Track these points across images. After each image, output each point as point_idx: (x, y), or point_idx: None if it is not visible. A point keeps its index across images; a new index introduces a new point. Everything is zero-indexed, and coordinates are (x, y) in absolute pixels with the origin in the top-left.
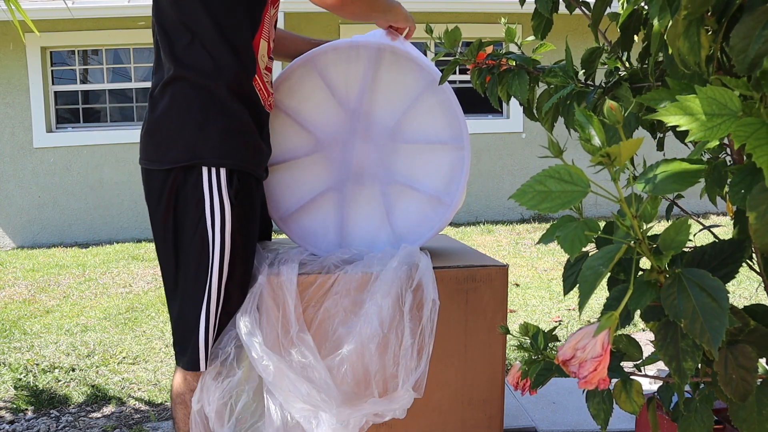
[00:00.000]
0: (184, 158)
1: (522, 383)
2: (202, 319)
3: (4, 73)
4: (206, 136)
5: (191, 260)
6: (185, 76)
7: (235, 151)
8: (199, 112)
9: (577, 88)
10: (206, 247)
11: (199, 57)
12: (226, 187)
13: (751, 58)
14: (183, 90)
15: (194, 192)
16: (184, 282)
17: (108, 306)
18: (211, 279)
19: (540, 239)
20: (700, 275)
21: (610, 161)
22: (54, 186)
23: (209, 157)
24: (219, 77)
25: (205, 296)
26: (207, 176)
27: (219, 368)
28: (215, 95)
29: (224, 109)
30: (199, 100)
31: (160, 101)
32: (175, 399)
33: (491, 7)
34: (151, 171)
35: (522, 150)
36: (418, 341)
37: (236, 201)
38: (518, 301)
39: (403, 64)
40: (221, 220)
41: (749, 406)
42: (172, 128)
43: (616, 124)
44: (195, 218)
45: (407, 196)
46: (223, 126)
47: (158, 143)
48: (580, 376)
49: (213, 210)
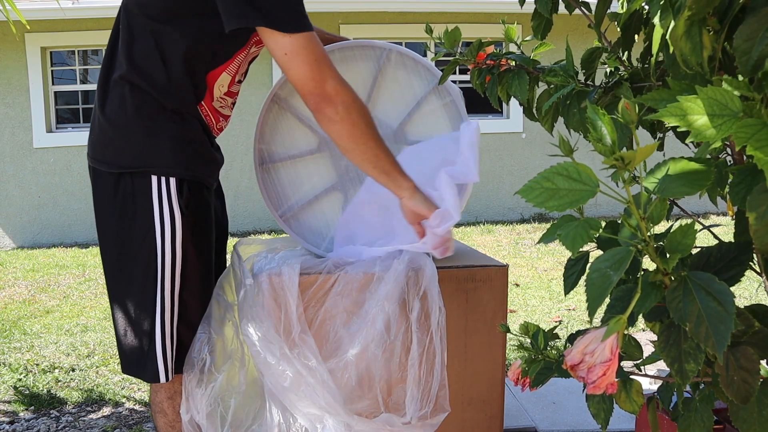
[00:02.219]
0: (134, 164)
1: (522, 380)
2: (157, 330)
3: (4, 73)
4: (156, 143)
5: (139, 270)
6: (137, 81)
7: (185, 160)
8: (149, 119)
9: (578, 87)
10: (154, 257)
11: (154, 67)
12: (176, 196)
13: (754, 60)
14: (134, 93)
15: (143, 201)
16: (131, 290)
17: (108, 306)
18: (163, 289)
19: (541, 239)
20: (706, 279)
21: (623, 165)
22: (54, 186)
23: (159, 165)
24: (167, 93)
25: (158, 307)
26: (156, 185)
27: (198, 375)
28: (165, 106)
29: (174, 118)
30: (150, 107)
31: (109, 97)
32: (155, 409)
33: (491, 7)
34: (99, 171)
35: (522, 150)
36: (430, 352)
37: (187, 210)
38: (518, 301)
39: (408, 65)
40: (171, 230)
41: (750, 407)
42: (122, 131)
43: (630, 123)
44: (144, 228)
45: None
46: (173, 134)
47: (106, 144)
48: (588, 381)
49: (163, 220)
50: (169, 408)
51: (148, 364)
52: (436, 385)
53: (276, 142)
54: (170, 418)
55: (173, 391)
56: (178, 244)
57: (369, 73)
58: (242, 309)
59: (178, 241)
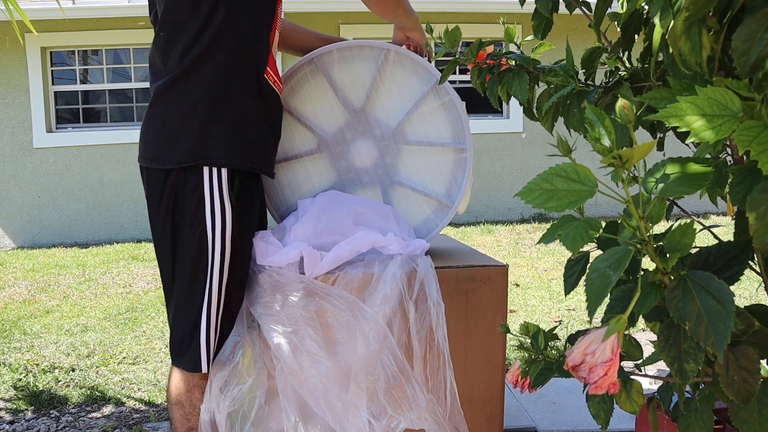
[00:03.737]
0: (186, 159)
1: (522, 381)
2: (203, 321)
3: (4, 73)
4: (210, 136)
5: (189, 262)
6: (192, 72)
7: (238, 152)
8: (205, 112)
9: (578, 87)
10: (205, 249)
11: (211, 50)
12: (227, 188)
13: (752, 61)
14: (190, 88)
15: (194, 193)
16: (181, 283)
17: (108, 306)
18: (211, 281)
19: (541, 239)
20: (706, 278)
21: (621, 164)
22: (54, 186)
23: (211, 157)
24: (229, 71)
25: (206, 299)
26: (208, 177)
27: (227, 376)
28: (223, 92)
29: (230, 108)
30: (206, 99)
31: (164, 98)
32: (172, 400)
33: (491, 7)
34: (151, 170)
35: (522, 150)
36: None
37: (237, 203)
38: (518, 301)
39: (407, 65)
40: (222, 223)
41: (750, 407)
42: (176, 128)
43: (628, 123)
44: (194, 220)
45: (408, 197)
46: (227, 126)
47: (161, 142)
48: (590, 381)
49: (213, 212)
50: (187, 401)
51: (190, 352)
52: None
53: None
54: (187, 410)
55: (193, 385)
56: (227, 238)
57: (368, 73)
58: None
59: (228, 234)
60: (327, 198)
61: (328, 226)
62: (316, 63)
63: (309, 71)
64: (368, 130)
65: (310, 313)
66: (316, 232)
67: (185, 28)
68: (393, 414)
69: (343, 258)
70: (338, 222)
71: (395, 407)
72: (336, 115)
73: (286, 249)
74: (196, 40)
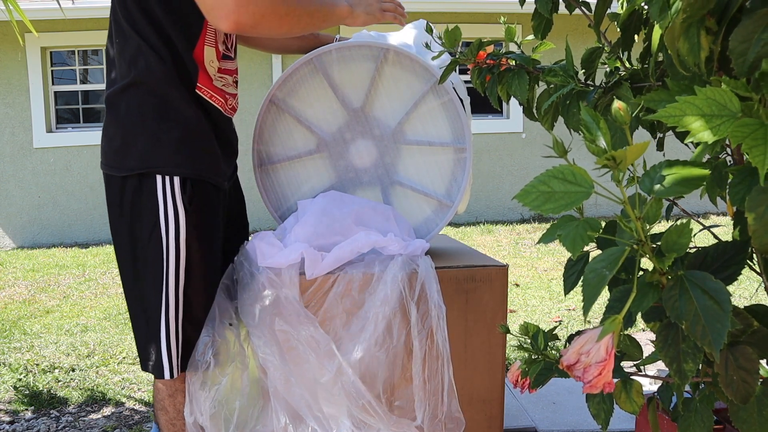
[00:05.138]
0: (139, 166)
1: (522, 381)
2: (162, 327)
3: (4, 73)
4: (160, 145)
5: (148, 268)
6: (140, 81)
7: (188, 160)
8: (154, 121)
9: (578, 87)
10: (160, 254)
11: (149, 62)
12: (180, 194)
13: (750, 61)
14: (138, 96)
15: (149, 200)
16: (141, 289)
17: (108, 306)
18: (167, 286)
19: (540, 239)
20: (702, 277)
21: (615, 164)
22: (54, 186)
23: (163, 165)
24: (168, 83)
25: (163, 303)
26: (161, 184)
27: (202, 378)
28: (169, 101)
29: (179, 116)
30: (154, 108)
31: (116, 105)
32: (157, 405)
33: (491, 7)
34: (110, 176)
35: (522, 150)
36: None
37: (191, 208)
38: (518, 301)
39: (406, 64)
40: (175, 227)
41: (749, 407)
42: (129, 136)
43: (624, 125)
44: (150, 226)
45: (408, 197)
46: (177, 134)
47: (116, 150)
48: (584, 380)
49: (167, 217)
50: (170, 405)
51: (155, 359)
52: (446, 388)
53: (274, 143)
54: (171, 415)
55: (174, 389)
56: (182, 241)
57: (367, 72)
58: (244, 308)
59: (182, 237)
60: (327, 198)
61: (329, 226)
62: (315, 63)
63: (308, 71)
64: (368, 130)
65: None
66: (317, 233)
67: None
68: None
69: (343, 258)
70: (339, 222)
71: None
72: (335, 115)
73: (287, 250)
74: (138, 53)
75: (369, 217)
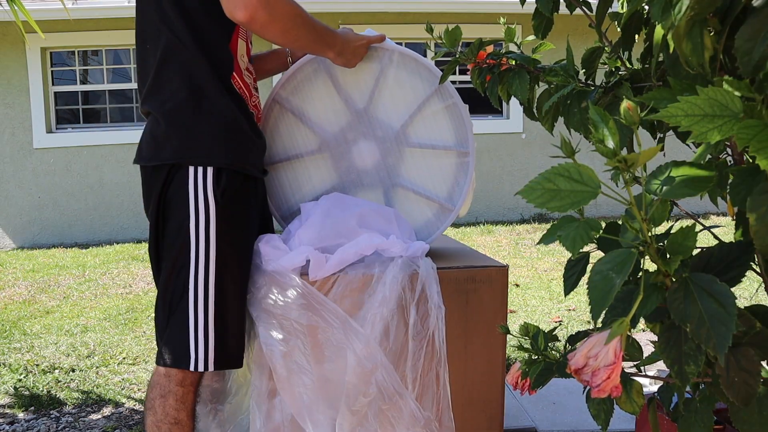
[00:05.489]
0: (173, 157)
1: (521, 383)
2: (190, 317)
3: (4, 73)
4: (195, 136)
5: (173, 260)
6: (175, 75)
7: (222, 150)
8: (187, 113)
9: (578, 87)
10: (188, 245)
11: (183, 57)
12: (212, 186)
13: (755, 60)
14: (176, 90)
15: (180, 191)
16: (171, 278)
17: (108, 306)
18: (197, 277)
19: (540, 239)
20: (707, 280)
21: (626, 167)
22: (54, 186)
23: (196, 156)
24: (201, 76)
25: (191, 294)
26: (193, 175)
27: None
28: (204, 93)
29: (212, 108)
30: (189, 100)
31: (155, 100)
32: (147, 405)
33: (491, 7)
34: (144, 168)
35: (522, 150)
36: (429, 354)
37: (222, 200)
38: (518, 301)
39: (411, 67)
40: (205, 220)
41: (750, 408)
42: (166, 128)
43: (633, 125)
44: (180, 218)
45: (410, 199)
46: (211, 125)
47: (149, 142)
48: (593, 384)
49: (198, 209)
50: (159, 407)
51: (179, 348)
52: (441, 388)
53: (276, 141)
54: (158, 417)
55: (168, 390)
56: (212, 235)
57: (371, 74)
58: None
59: (212, 231)
60: (330, 201)
61: (333, 229)
62: (319, 62)
63: (312, 71)
64: (370, 132)
65: (301, 326)
66: (321, 236)
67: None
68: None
69: (347, 261)
70: (343, 225)
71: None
72: (338, 115)
73: (292, 254)
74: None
75: (371, 220)
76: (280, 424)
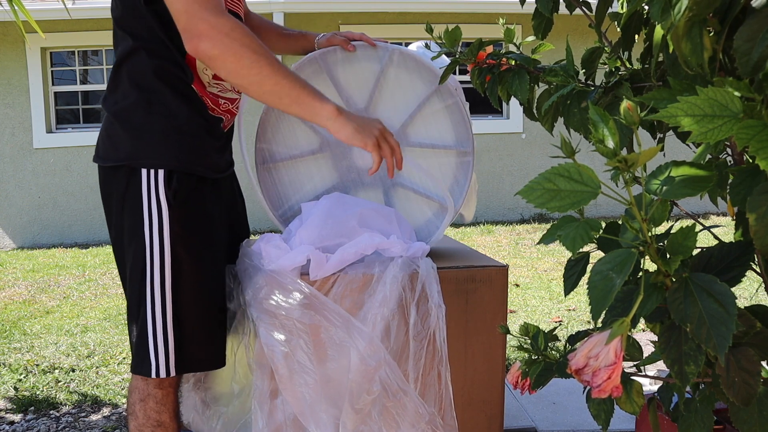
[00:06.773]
0: (126, 158)
1: (522, 383)
2: (148, 324)
3: (4, 73)
4: (146, 138)
5: (130, 263)
6: (129, 77)
7: (174, 152)
8: (139, 114)
9: (578, 87)
10: (143, 248)
11: (138, 59)
12: (164, 188)
13: (754, 61)
14: (128, 91)
15: (134, 193)
16: (131, 285)
17: (108, 306)
18: (152, 283)
19: (540, 239)
20: (708, 280)
21: (626, 167)
22: (54, 186)
23: (147, 157)
24: (156, 78)
25: (148, 299)
26: (146, 177)
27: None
28: (156, 96)
29: (164, 110)
30: (140, 101)
31: (108, 101)
32: (128, 410)
33: (491, 7)
34: (102, 168)
35: (522, 150)
36: (430, 354)
37: (175, 202)
38: (518, 301)
39: (411, 66)
40: (159, 222)
41: (750, 408)
42: (119, 129)
43: (633, 125)
44: (133, 220)
45: (410, 199)
46: (162, 128)
47: (105, 142)
48: (593, 385)
49: (151, 211)
50: (140, 410)
51: (141, 357)
52: (443, 387)
53: (277, 141)
54: (140, 421)
55: (147, 394)
56: (166, 238)
57: (371, 73)
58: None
59: (166, 234)
60: (331, 201)
61: (334, 228)
62: (319, 62)
63: (312, 71)
64: None
65: (303, 326)
66: (322, 236)
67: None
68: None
69: (348, 260)
70: (343, 224)
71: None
72: None
73: (292, 253)
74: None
75: (372, 219)
76: (282, 424)
